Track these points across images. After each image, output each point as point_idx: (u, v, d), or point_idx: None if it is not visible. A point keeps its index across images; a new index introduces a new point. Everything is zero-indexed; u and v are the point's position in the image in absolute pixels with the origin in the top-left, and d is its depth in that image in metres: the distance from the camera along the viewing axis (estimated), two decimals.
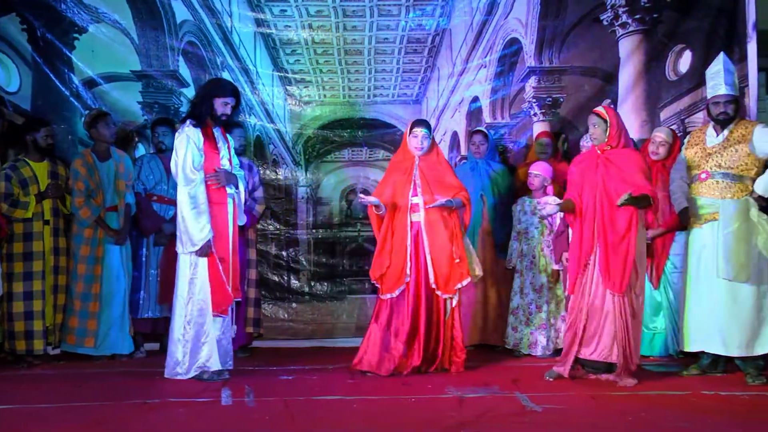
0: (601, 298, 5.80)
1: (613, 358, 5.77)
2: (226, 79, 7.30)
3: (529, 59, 8.92)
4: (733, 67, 6.21)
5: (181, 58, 8.41)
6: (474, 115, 9.21)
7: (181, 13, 8.33)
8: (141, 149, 8.13)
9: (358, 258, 9.16)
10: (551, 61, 8.95)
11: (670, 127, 7.47)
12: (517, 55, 9.05)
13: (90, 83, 8.13)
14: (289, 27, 8.69)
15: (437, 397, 5.38)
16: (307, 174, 9.04)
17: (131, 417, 4.75)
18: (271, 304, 8.57)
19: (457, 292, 6.34)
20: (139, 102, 8.28)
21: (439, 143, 8.40)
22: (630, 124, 8.31)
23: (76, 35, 8.19)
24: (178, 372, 5.86)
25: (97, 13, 8.10)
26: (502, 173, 7.73)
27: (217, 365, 5.84)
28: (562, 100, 8.92)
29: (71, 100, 8.09)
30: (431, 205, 6.25)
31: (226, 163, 6.00)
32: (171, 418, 4.75)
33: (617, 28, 8.60)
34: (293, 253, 8.96)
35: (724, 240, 5.91)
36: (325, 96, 8.97)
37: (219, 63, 8.56)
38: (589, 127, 5.99)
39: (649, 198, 5.74)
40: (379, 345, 6.18)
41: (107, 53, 8.23)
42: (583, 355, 5.88)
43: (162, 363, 6.05)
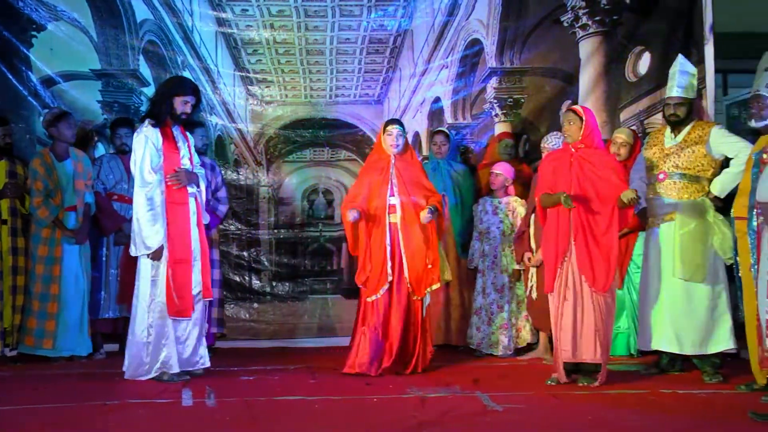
0: (579, 297, 5.78)
1: (597, 358, 5.74)
2: (185, 77, 7.25)
3: (490, 60, 8.97)
4: (692, 69, 6.27)
5: (141, 57, 8.35)
6: (436, 115, 9.24)
7: (141, 11, 8.27)
8: (100, 149, 8.04)
9: (320, 258, 9.16)
10: (512, 62, 9.00)
11: (631, 128, 7.55)
12: (478, 56, 9.10)
13: (48, 82, 8.04)
14: (251, 26, 8.67)
15: (399, 397, 5.38)
16: (269, 174, 9.02)
17: (90, 419, 4.70)
18: (232, 305, 8.54)
19: (427, 293, 6.35)
20: (98, 101, 8.21)
21: None
22: None
23: (34, 33, 8.09)
24: (139, 373, 5.81)
25: (55, 10, 8.01)
26: (464, 173, 7.75)
27: (176, 368, 5.79)
28: (523, 100, 8.98)
29: (29, 98, 8.00)
30: (425, 220, 6.27)
31: (187, 163, 5.93)
32: (131, 420, 4.71)
33: (577, 29, 8.66)
34: (255, 253, 8.94)
35: (681, 240, 5.98)
36: (286, 96, 8.96)
37: (180, 62, 8.51)
38: (564, 123, 5.96)
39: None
40: (369, 346, 6.18)
41: (66, 51, 8.15)
42: (567, 358, 5.82)
43: (121, 363, 5.99)
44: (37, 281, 6.86)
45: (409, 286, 6.25)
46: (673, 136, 6.22)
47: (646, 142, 6.49)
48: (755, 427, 4.51)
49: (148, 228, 5.70)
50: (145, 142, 5.74)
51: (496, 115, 9.03)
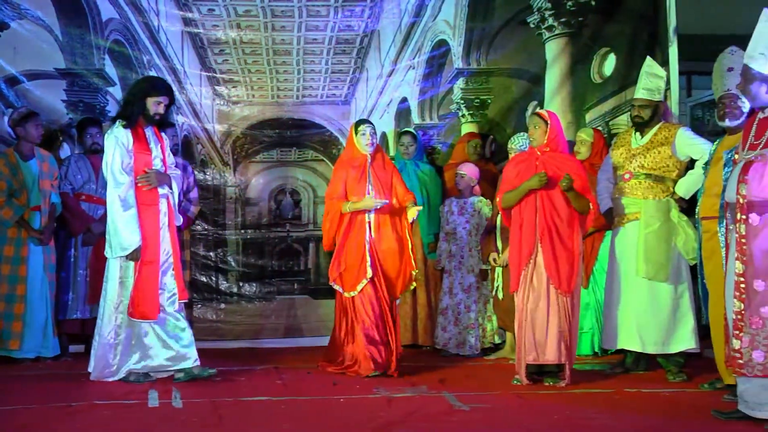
0: (545, 298, 5.79)
1: (562, 359, 5.75)
2: (159, 77, 7.20)
3: (457, 61, 8.99)
4: (660, 71, 6.31)
5: (107, 57, 8.28)
6: (403, 115, 9.26)
7: (106, 10, 8.21)
8: (66, 148, 7.97)
9: (287, 258, 9.15)
10: (479, 63, 9.03)
11: (596, 128, 7.62)
12: (445, 56, 9.12)
13: (12, 81, 7.94)
14: (217, 26, 8.64)
15: (366, 397, 5.39)
16: (236, 174, 8.99)
17: (56, 420, 4.66)
18: (199, 306, 8.50)
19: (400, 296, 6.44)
20: (63, 100, 8.13)
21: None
22: None
23: None
24: (105, 375, 5.76)
25: (19, 9, 7.91)
26: (431, 174, 7.78)
27: (145, 368, 5.77)
28: (489, 101, 9.02)
29: None
30: (415, 213, 6.30)
31: (159, 164, 5.86)
32: (97, 421, 4.67)
33: (543, 31, 8.71)
34: (222, 253, 8.90)
35: (645, 240, 6.04)
36: (253, 96, 8.94)
37: (146, 62, 8.46)
38: (529, 128, 6.00)
39: (588, 204, 5.83)
40: (364, 344, 6.18)
41: (30, 50, 8.05)
42: (532, 360, 5.82)
43: (87, 365, 5.95)
44: (3, 282, 6.78)
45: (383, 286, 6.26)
46: (640, 137, 6.27)
47: (613, 142, 6.54)
48: (718, 425, 4.57)
49: (124, 228, 5.65)
50: (115, 142, 5.69)
51: (463, 115, 9.06)
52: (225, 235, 8.94)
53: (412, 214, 6.27)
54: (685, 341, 5.98)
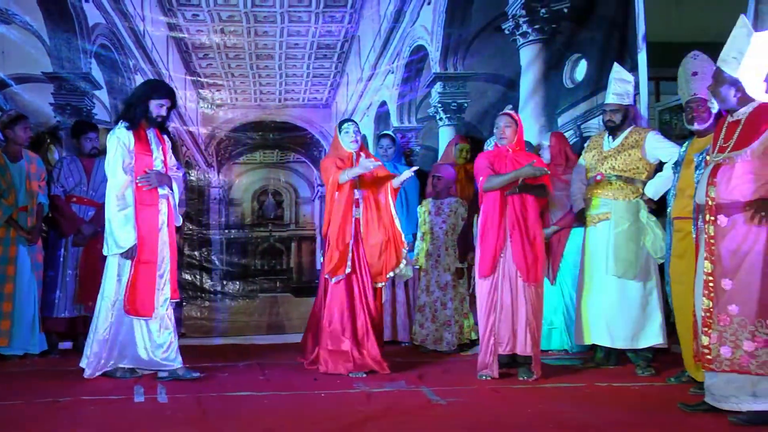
0: (514, 291, 5.84)
1: (528, 350, 5.81)
2: (161, 80, 7.19)
3: (434, 66, 9.00)
4: (628, 76, 6.37)
5: (93, 61, 8.23)
6: (382, 118, 9.26)
7: (93, 16, 8.16)
8: (53, 151, 7.92)
9: (269, 257, 9.13)
10: (456, 67, 9.05)
11: (554, 132, 7.68)
12: (423, 61, 9.13)
13: (1, 84, 7.89)
14: (202, 31, 8.60)
15: (346, 392, 5.40)
16: (220, 175, 8.96)
17: (41, 416, 4.65)
18: (184, 303, 8.47)
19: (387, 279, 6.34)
20: (51, 104, 8.08)
21: None
22: (530, 129, 8.48)
23: None
24: (98, 369, 5.72)
25: (7, 14, 7.85)
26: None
27: (131, 363, 5.75)
28: (466, 105, 9.03)
29: None
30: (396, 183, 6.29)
31: (159, 165, 5.81)
32: (82, 417, 4.66)
33: (518, 37, 8.73)
34: (206, 252, 8.88)
35: (615, 239, 6.08)
36: (237, 99, 8.91)
37: (132, 66, 8.41)
38: (502, 127, 6.02)
39: (546, 189, 5.92)
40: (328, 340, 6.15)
41: (18, 54, 7.98)
42: (501, 351, 5.87)
43: (75, 362, 5.92)
44: None
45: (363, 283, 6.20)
46: (611, 140, 6.32)
47: (586, 145, 6.61)
48: (684, 417, 4.63)
49: (120, 227, 5.62)
50: (117, 143, 5.66)
51: (441, 119, 9.07)
52: (209, 235, 8.92)
53: (395, 182, 6.27)
54: (653, 337, 6.02)
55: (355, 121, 6.48)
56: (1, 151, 6.91)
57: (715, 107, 5.49)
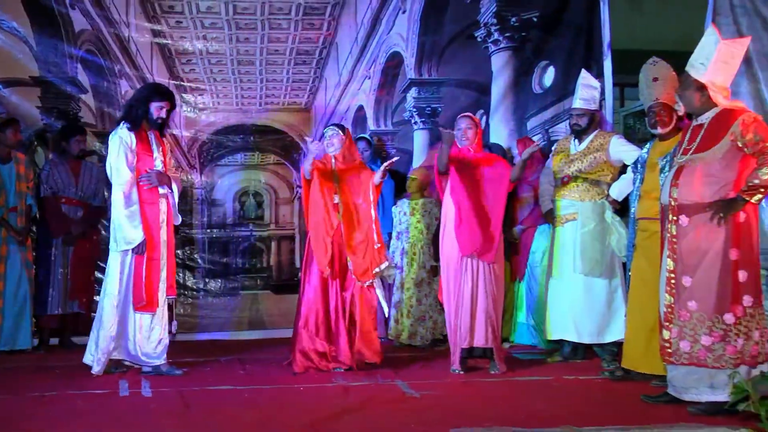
0: (474, 287, 5.85)
1: (489, 343, 5.83)
2: (161, 84, 7.17)
3: (409, 72, 9.03)
4: (595, 82, 6.39)
5: (79, 66, 8.19)
6: (359, 122, 9.28)
7: (79, 22, 8.12)
8: (40, 153, 7.88)
9: (250, 256, 9.13)
10: (430, 73, 9.08)
11: (521, 138, 7.73)
12: (398, 67, 9.16)
13: None
14: (185, 38, 8.58)
15: (324, 386, 5.42)
16: (202, 177, 8.95)
17: (29, 411, 4.63)
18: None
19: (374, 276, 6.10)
20: (38, 107, 8.03)
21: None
22: (501, 132, 8.54)
23: None
24: (104, 366, 5.70)
25: None
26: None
27: (120, 356, 5.75)
28: (440, 110, 9.07)
29: None
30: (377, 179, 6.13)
31: (159, 165, 5.79)
32: (69, 411, 4.64)
33: (490, 44, 8.77)
34: (189, 251, 8.85)
35: (581, 238, 6.12)
36: (219, 103, 8.90)
37: (117, 71, 8.38)
38: (464, 129, 6.05)
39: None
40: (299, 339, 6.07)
41: (6, 59, 7.92)
42: (467, 344, 5.88)
43: (62, 357, 5.89)
44: None
45: (354, 276, 6.05)
46: (578, 144, 6.34)
47: (554, 148, 6.62)
48: (647, 408, 4.68)
49: (128, 224, 5.60)
50: (120, 142, 5.65)
51: (416, 122, 9.10)
52: (192, 234, 8.89)
53: (375, 178, 6.15)
54: (618, 332, 6.02)
55: (335, 126, 6.34)
56: None
57: (682, 110, 5.51)
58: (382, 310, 7.56)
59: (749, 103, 5.62)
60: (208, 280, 8.76)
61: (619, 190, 6.15)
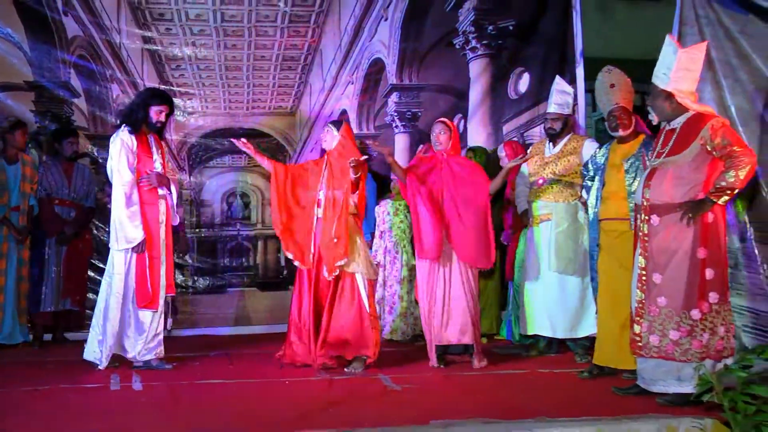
0: (446, 285, 5.88)
1: (466, 339, 5.86)
2: (160, 88, 7.16)
3: (391, 77, 9.05)
4: (568, 88, 6.42)
5: (72, 71, 8.17)
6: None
7: (72, 28, 8.08)
8: (33, 155, 7.84)
9: (237, 255, 9.11)
10: (411, 79, 9.10)
11: (508, 141, 7.74)
12: (380, 73, 9.17)
13: None
14: (174, 44, 8.56)
15: (309, 380, 5.43)
16: (191, 178, 8.92)
17: (23, 404, 4.62)
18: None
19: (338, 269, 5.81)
20: (32, 110, 8.00)
21: (310, 151, 8.42)
22: (478, 136, 8.59)
23: None
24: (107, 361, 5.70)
25: None
26: (367, 179, 7.80)
27: (140, 356, 5.76)
28: (420, 114, 9.09)
29: None
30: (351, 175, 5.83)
31: (159, 167, 5.80)
32: (61, 404, 4.64)
33: (468, 51, 8.82)
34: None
35: (555, 238, 6.17)
36: (207, 107, 8.87)
37: (108, 75, 8.35)
38: (437, 134, 6.07)
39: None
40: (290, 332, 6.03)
41: (1, 64, 7.88)
42: (442, 341, 5.91)
43: (55, 352, 5.86)
44: None
45: (325, 273, 5.85)
46: (552, 147, 6.38)
47: (529, 151, 6.63)
48: (617, 399, 4.74)
49: (128, 223, 5.60)
50: (121, 145, 5.65)
51: (397, 126, 9.12)
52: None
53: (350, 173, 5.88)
54: (590, 327, 6.08)
55: (332, 123, 6.17)
56: None
57: (656, 119, 5.53)
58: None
59: (714, 109, 5.68)
60: (196, 278, 8.74)
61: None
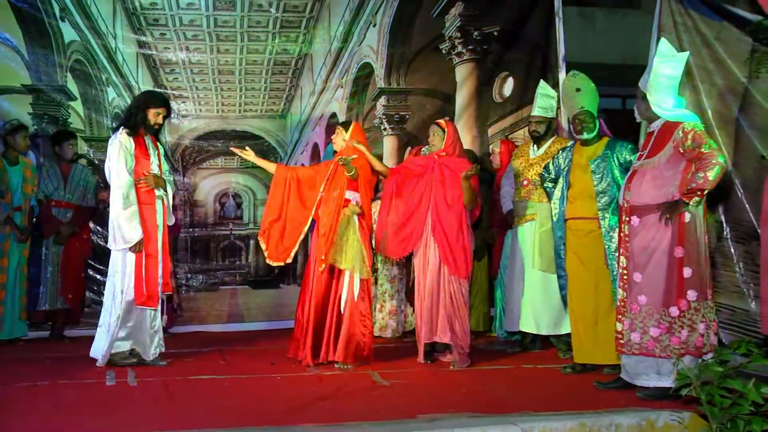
0: (437, 283, 5.85)
1: (448, 339, 5.81)
2: (158, 91, 7.13)
3: (379, 81, 9.05)
4: (552, 92, 6.44)
5: (69, 74, 8.13)
6: (332, 129, 9.25)
7: (68, 33, 8.04)
8: (31, 157, 7.80)
9: (230, 254, 9.09)
10: (399, 83, 9.10)
11: (504, 139, 7.76)
12: (369, 77, 9.16)
13: None
14: (168, 49, 8.53)
15: (300, 375, 5.43)
16: (185, 179, 8.89)
17: (22, 398, 4.60)
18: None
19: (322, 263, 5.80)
20: (29, 113, 7.96)
21: (301, 153, 8.38)
22: (464, 138, 8.58)
23: None
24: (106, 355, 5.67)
25: None
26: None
27: (145, 353, 5.75)
28: (407, 117, 9.09)
29: None
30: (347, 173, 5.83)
31: (156, 169, 5.78)
32: (59, 399, 4.63)
33: (454, 56, 8.83)
34: (172, 249, 8.79)
35: (539, 237, 6.17)
36: (200, 110, 8.84)
37: (104, 79, 8.31)
38: (430, 135, 6.09)
39: (476, 199, 5.90)
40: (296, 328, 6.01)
41: None
42: (428, 338, 5.91)
43: (53, 348, 5.83)
44: None
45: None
46: (536, 149, 6.39)
47: (514, 153, 6.66)
48: (599, 393, 4.77)
49: (126, 224, 5.57)
50: (120, 146, 5.62)
51: (385, 129, 9.11)
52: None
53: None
54: None
55: (339, 124, 6.23)
56: (1, 155, 6.93)
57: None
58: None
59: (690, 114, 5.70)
60: (190, 277, 8.71)
61: None
